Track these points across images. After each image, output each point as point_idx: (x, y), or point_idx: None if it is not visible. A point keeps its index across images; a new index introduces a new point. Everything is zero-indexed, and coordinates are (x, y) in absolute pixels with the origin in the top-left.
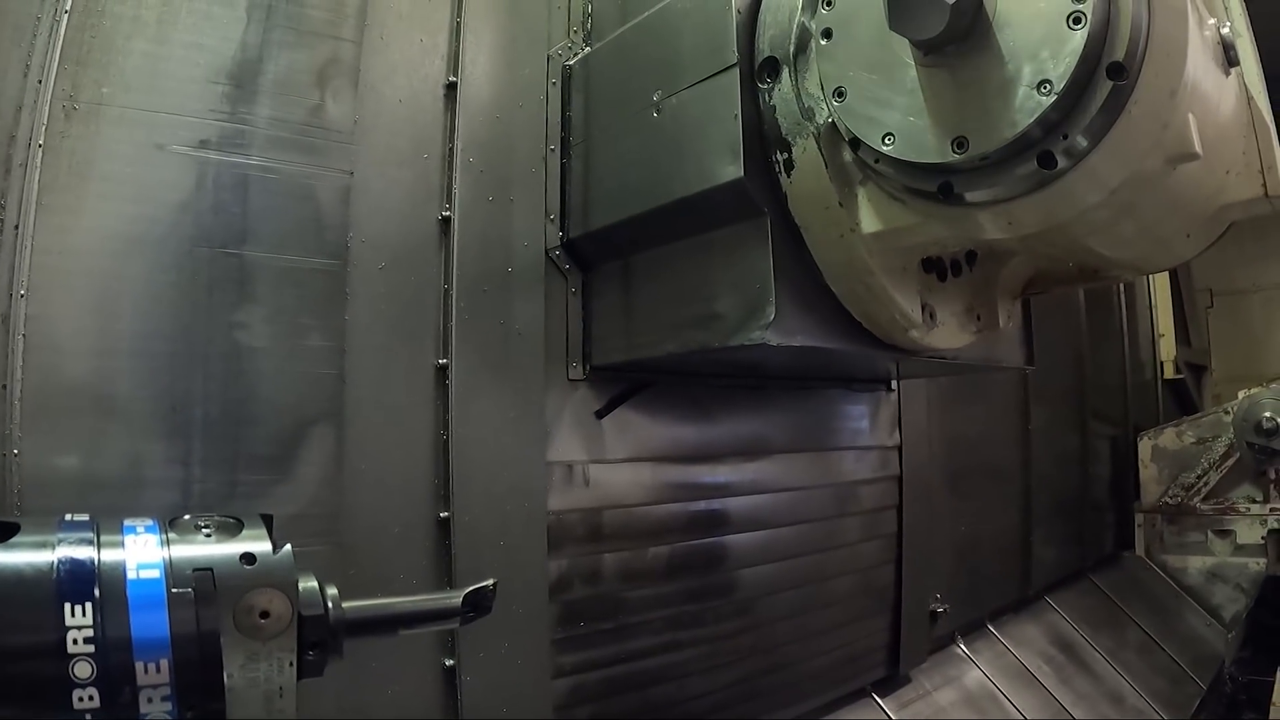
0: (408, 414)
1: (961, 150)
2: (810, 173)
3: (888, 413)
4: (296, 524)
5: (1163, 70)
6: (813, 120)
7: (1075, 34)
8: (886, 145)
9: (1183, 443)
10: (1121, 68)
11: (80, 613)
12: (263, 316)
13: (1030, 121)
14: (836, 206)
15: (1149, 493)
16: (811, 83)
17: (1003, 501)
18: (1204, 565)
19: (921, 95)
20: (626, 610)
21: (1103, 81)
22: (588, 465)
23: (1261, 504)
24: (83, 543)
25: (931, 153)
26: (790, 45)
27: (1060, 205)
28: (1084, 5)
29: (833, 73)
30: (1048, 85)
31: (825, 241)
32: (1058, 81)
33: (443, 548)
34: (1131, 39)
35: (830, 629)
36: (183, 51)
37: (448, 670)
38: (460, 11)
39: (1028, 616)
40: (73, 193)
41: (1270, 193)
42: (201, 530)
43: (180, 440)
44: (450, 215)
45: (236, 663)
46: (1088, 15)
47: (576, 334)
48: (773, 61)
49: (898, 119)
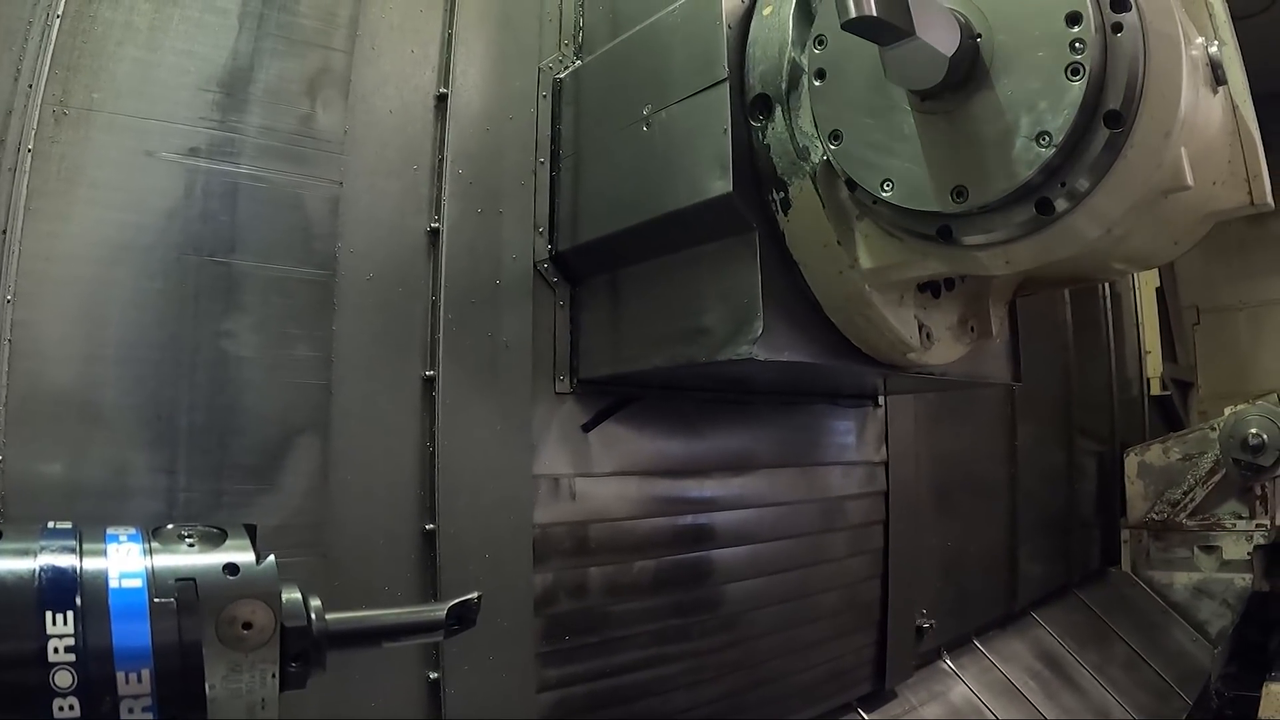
0: (394, 425)
1: (961, 200)
2: (808, 212)
3: (874, 428)
4: (281, 534)
5: (1158, 113)
6: (808, 160)
7: (1074, 85)
8: (885, 192)
9: (1169, 459)
10: (1119, 115)
11: (61, 621)
12: (250, 325)
13: (1030, 174)
14: (835, 245)
15: (1135, 509)
16: (805, 120)
17: (989, 517)
18: (1190, 581)
19: (919, 142)
20: (612, 624)
21: (1100, 129)
22: (574, 479)
23: (1247, 520)
24: (65, 551)
25: (931, 201)
26: (782, 82)
27: (1058, 244)
28: (1082, 56)
29: (828, 115)
30: (1047, 137)
31: (824, 277)
32: (1057, 134)
33: (428, 560)
34: (1128, 86)
35: (816, 644)
36: (174, 58)
37: (432, 683)
38: (452, 23)
39: (1014, 632)
40: (62, 198)
41: (1256, 201)
42: (185, 540)
43: (165, 449)
44: (439, 227)
45: (218, 674)
46: (1086, 66)
47: (564, 347)
48: (764, 99)
49: (896, 165)
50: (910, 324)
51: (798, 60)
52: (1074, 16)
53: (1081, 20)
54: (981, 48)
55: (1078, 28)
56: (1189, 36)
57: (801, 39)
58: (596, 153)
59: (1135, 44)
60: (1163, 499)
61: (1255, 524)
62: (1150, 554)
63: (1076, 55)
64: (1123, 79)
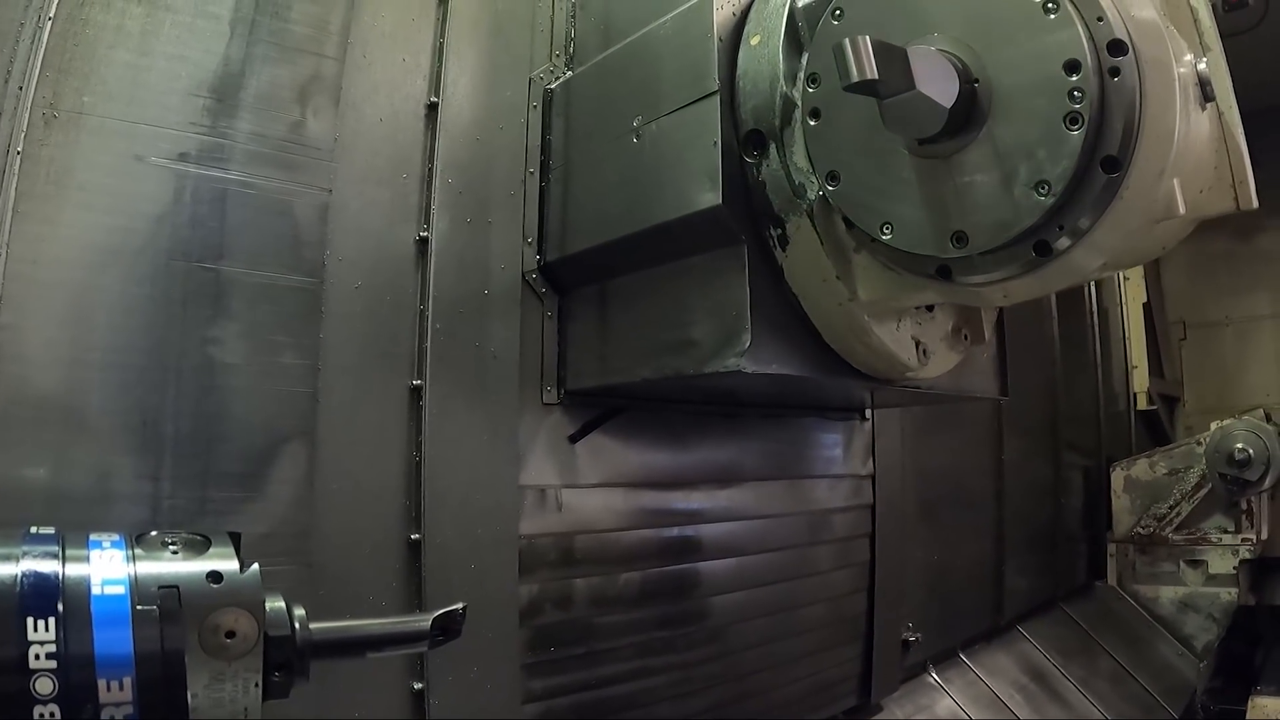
0: (380, 434)
1: (961, 245)
2: (805, 248)
3: (861, 441)
4: (266, 543)
5: (1153, 153)
6: (804, 197)
7: (1073, 134)
8: (885, 235)
9: (1155, 473)
10: (1116, 161)
11: (43, 627)
12: (237, 332)
13: (1030, 223)
14: (834, 279)
15: (1121, 523)
16: (800, 156)
17: (975, 531)
18: (1176, 595)
19: (918, 186)
20: (597, 636)
21: (1098, 174)
22: (560, 490)
23: (1233, 534)
24: (47, 556)
25: (931, 247)
26: (775, 118)
27: (1056, 279)
28: (1081, 105)
29: (824, 155)
30: (1046, 186)
31: (823, 310)
32: (1056, 183)
33: (413, 570)
34: (1125, 130)
35: (802, 657)
36: (165, 63)
37: (416, 694)
38: (443, 32)
39: (1000, 646)
40: (50, 202)
41: (1241, 206)
42: (168, 547)
43: (150, 455)
44: (428, 236)
45: (201, 682)
46: (1085, 116)
47: (551, 358)
48: (758, 135)
49: (895, 209)
50: (908, 345)
51: (790, 95)
52: (1072, 65)
53: (1080, 69)
54: (979, 93)
55: (1076, 76)
56: (1177, 54)
57: (792, 71)
58: (586, 164)
59: (1132, 87)
60: (1149, 513)
61: (1241, 538)
62: (1136, 568)
63: (1075, 104)
64: (1120, 124)
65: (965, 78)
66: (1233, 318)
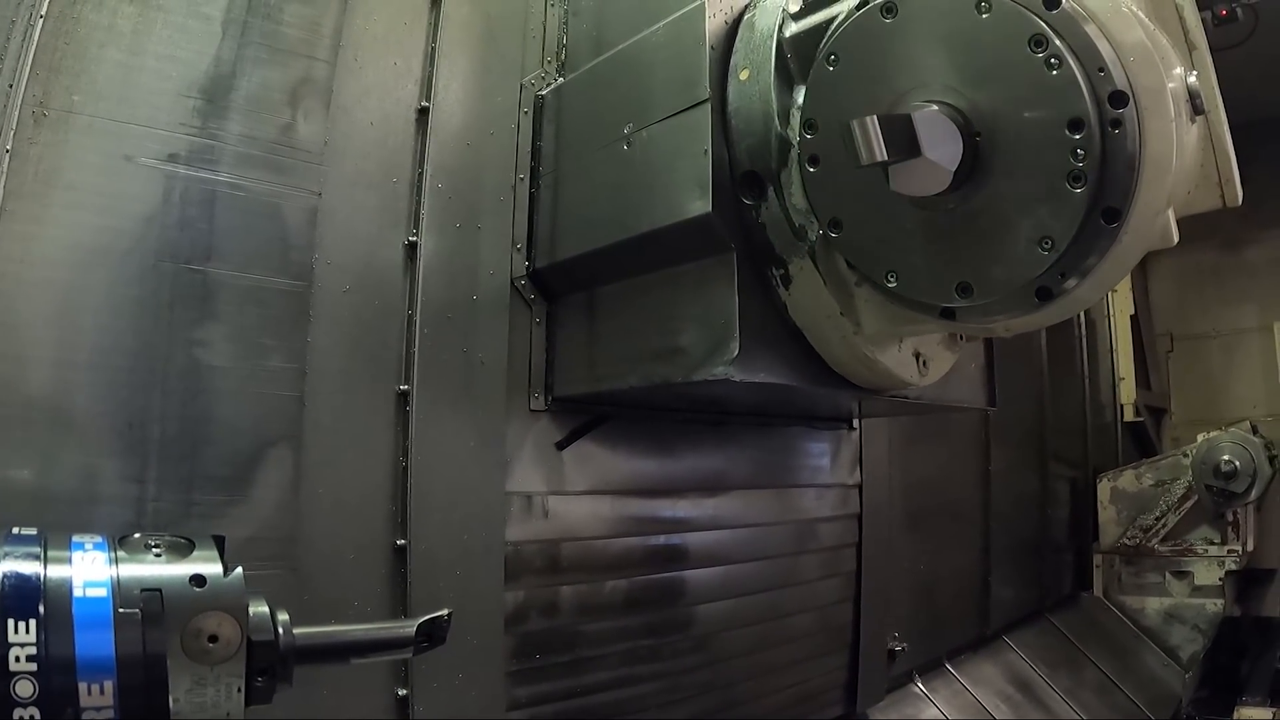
0: (367, 439)
1: (966, 295)
2: (809, 288)
3: (849, 451)
4: (251, 547)
5: (1152, 196)
6: (805, 239)
7: (1076, 193)
8: (890, 283)
9: (1142, 485)
10: (1117, 211)
11: (24, 629)
12: (224, 335)
13: (1033, 276)
14: (838, 315)
15: (1108, 534)
16: (798, 197)
17: (962, 541)
18: (1162, 606)
19: (921, 236)
20: (583, 643)
21: (1099, 225)
22: (547, 496)
23: (1219, 546)
24: (29, 557)
25: (936, 295)
26: (771, 160)
27: (1058, 313)
28: (1084, 163)
29: (825, 203)
30: (1049, 242)
31: (829, 343)
32: (1060, 240)
33: (399, 575)
34: (1126, 181)
35: (788, 666)
36: (156, 63)
37: (400, 700)
38: (435, 37)
39: (986, 656)
40: (38, 201)
41: (1228, 204)
42: (151, 550)
43: (135, 457)
44: (417, 241)
45: (183, 687)
46: (1088, 175)
47: (539, 364)
48: (754, 177)
49: (899, 258)
50: (910, 363)
51: (785, 137)
52: (1076, 123)
53: (1083, 128)
54: (981, 146)
55: (1079, 134)
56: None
57: (785, 108)
58: (576, 170)
59: (1133, 137)
60: (1135, 524)
61: (1227, 550)
62: (1122, 579)
63: (1078, 162)
64: (1121, 175)
65: (967, 130)
66: (1220, 330)
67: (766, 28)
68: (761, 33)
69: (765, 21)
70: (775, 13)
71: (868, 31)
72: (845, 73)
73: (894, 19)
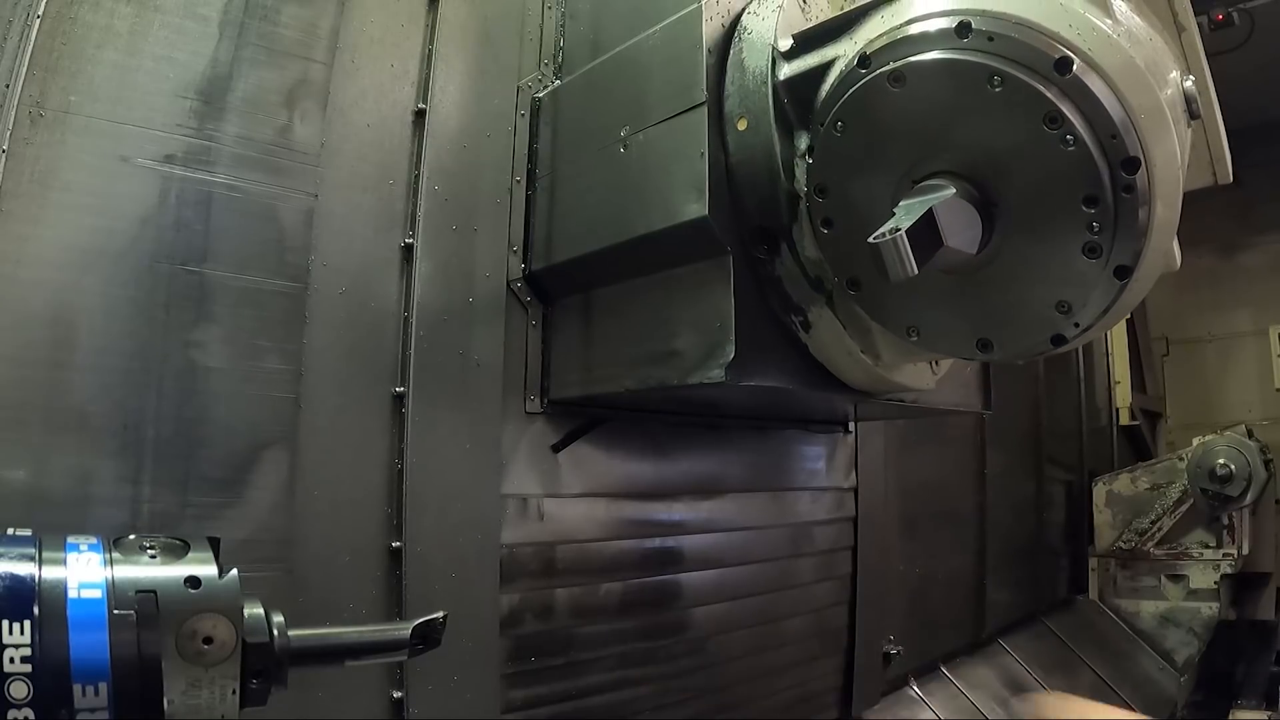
0: (362, 441)
1: (986, 351)
2: (829, 332)
3: (844, 454)
4: (246, 549)
5: (1159, 243)
6: (822, 289)
7: (1092, 263)
8: (912, 338)
9: (1137, 488)
10: (1128, 269)
11: (18, 630)
12: (220, 336)
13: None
14: (858, 353)
15: (1103, 537)
16: (811, 248)
17: (958, 544)
18: (1157, 610)
19: (941, 297)
20: (578, 646)
21: (1111, 282)
22: (542, 499)
23: (1214, 549)
24: (24, 559)
25: (957, 350)
26: (782, 215)
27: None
28: (1100, 237)
29: (842, 263)
30: (1066, 306)
31: (850, 373)
32: (1076, 306)
33: (394, 578)
34: (1137, 240)
35: (783, 669)
36: (153, 64)
37: (395, 702)
38: (432, 39)
39: (981, 659)
40: (34, 201)
41: (1219, 180)
42: (146, 551)
43: (131, 458)
44: (413, 243)
45: (177, 689)
46: (1104, 248)
47: (535, 367)
48: (765, 232)
49: (920, 315)
50: (924, 371)
51: (793, 190)
52: (1091, 199)
53: (1099, 203)
54: (998, 214)
55: (1095, 209)
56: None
57: (789, 160)
58: (573, 173)
59: (1144, 198)
60: (1130, 528)
61: (1222, 553)
62: (1118, 582)
63: (1094, 235)
64: (1132, 235)
65: (983, 201)
66: (1215, 334)
67: (758, 70)
68: (754, 76)
69: (755, 62)
70: (764, 51)
71: (875, 100)
72: (854, 140)
73: (902, 89)
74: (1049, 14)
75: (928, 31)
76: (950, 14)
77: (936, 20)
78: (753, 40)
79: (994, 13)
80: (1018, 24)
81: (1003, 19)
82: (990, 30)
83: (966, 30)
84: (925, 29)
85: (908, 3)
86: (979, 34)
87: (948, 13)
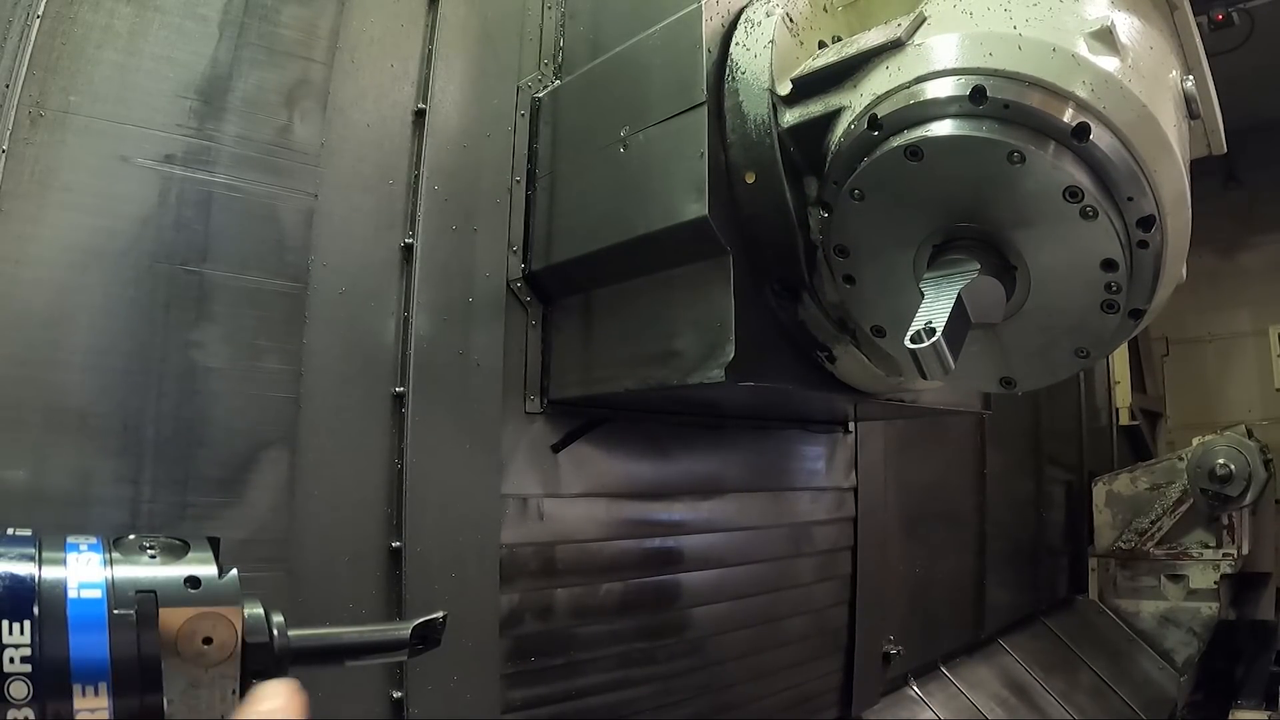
0: (362, 441)
1: (1010, 387)
2: (854, 364)
3: (844, 454)
4: (246, 548)
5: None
6: (846, 329)
7: (1110, 318)
8: None
9: (1137, 488)
10: (1142, 312)
11: (18, 630)
12: (220, 336)
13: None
14: (884, 378)
15: (1103, 537)
16: (832, 293)
17: (957, 544)
18: (1157, 610)
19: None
20: (578, 646)
21: (1126, 323)
22: (542, 499)
23: (1214, 549)
24: (24, 558)
25: (981, 385)
26: (801, 267)
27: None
28: (1118, 295)
29: (866, 314)
30: (1085, 352)
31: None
32: (1095, 353)
33: (393, 578)
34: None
35: (783, 669)
36: (152, 64)
37: (395, 702)
38: (432, 39)
39: (981, 659)
40: (34, 201)
41: (1214, 151)
42: (146, 551)
43: (130, 458)
44: (413, 243)
45: (177, 689)
46: (1121, 304)
47: (535, 367)
48: (785, 280)
49: None
50: None
51: (811, 241)
52: (1109, 263)
53: (1117, 267)
54: (1019, 275)
55: (1113, 273)
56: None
57: (803, 212)
58: (573, 173)
59: (1157, 248)
60: (1130, 528)
61: (1222, 553)
62: (1117, 582)
63: (1111, 294)
64: (1146, 283)
65: (1004, 266)
66: (1215, 334)
67: (759, 118)
68: (756, 125)
69: (754, 109)
70: (762, 97)
71: (893, 173)
72: (873, 208)
73: (919, 163)
74: (1062, 71)
75: (939, 97)
76: (961, 73)
77: (947, 82)
78: (748, 82)
79: (1007, 73)
80: (1032, 85)
81: (1016, 80)
82: (1005, 98)
83: (981, 97)
84: (937, 93)
85: (914, 55)
86: (994, 101)
87: (958, 71)
